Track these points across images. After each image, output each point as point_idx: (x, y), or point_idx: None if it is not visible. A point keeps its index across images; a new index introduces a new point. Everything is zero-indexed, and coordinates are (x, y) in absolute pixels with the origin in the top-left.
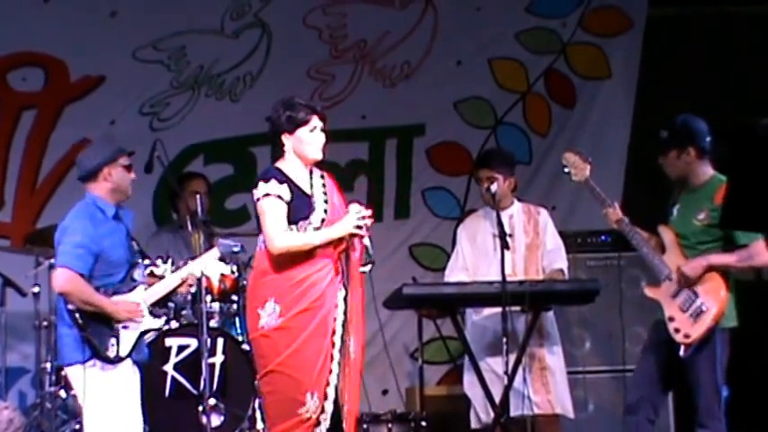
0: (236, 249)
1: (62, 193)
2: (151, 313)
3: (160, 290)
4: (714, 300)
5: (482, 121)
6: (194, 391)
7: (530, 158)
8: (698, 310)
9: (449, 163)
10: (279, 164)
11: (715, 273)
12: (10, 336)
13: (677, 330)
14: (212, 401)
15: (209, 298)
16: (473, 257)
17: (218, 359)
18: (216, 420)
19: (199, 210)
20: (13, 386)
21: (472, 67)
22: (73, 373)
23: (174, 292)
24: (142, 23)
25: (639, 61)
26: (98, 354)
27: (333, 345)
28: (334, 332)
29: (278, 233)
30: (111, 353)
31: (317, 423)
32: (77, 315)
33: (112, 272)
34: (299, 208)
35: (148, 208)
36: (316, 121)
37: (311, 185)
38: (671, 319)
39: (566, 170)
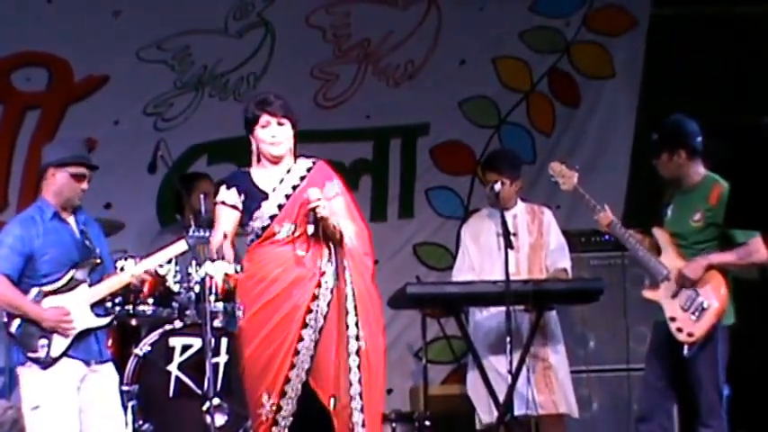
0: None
1: None
2: (94, 312)
3: (103, 289)
4: (715, 296)
5: (486, 120)
6: (198, 391)
7: (533, 158)
8: (700, 307)
9: (452, 162)
10: (253, 165)
11: (714, 270)
12: None
13: (680, 330)
14: (216, 401)
15: (213, 297)
16: (478, 257)
17: (222, 359)
18: (220, 420)
19: (202, 210)
20: (17, 386)
21: (476, 66)
22: (19, 374)
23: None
24: (146, 23)
25: (643, 60)
26: (29, 356)
27: (300, 339)
28: (304, 325)
29: (214, 244)
30: (42, 354)
31: (274, 422)
32: (7, 316)
33: (51, 271)
34: (249, 209)
35: (152, 208)
36: (266, 117)
37: (281, 182)
38: (672, 319)
39: (553, 180)
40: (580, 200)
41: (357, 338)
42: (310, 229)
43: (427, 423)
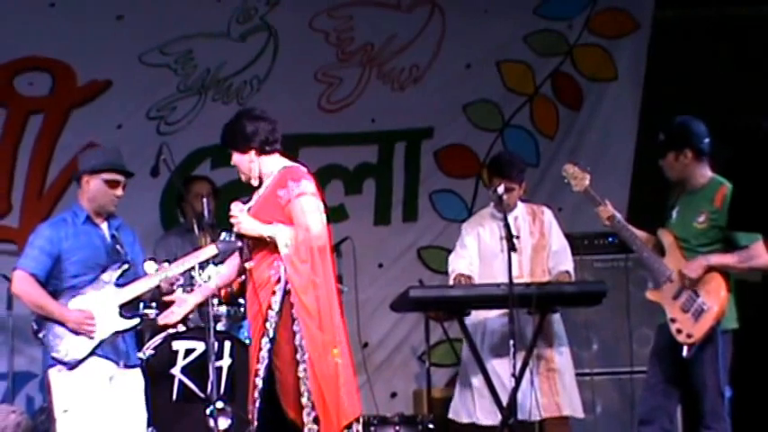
0: (240, 245)
1: (69, 198)
2: (121, 315)
3: (132, 291)
4: (715, 299)
5: (490, 123)
6: (201, 395)
7: (537, 161)
8: (699, 309)
9: (456, 165)
10: None
11: (715, 273)
12: (17, 339)
13: (679, 331)
14: (219, 405)
15: (216, 301)
16: (478, 257)
17: (226, 362)
18: (223, 424)
19: (205, 212)
20: (20, 390)
21: (481, 69)
22: (49, 377)
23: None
24: (149, 27)
25: (645, 63)
26: (54, 356)
27: (260, 348)
28: (264, 333)
29: None
30: (67, 355)
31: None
32: (36, 323)
33: (79, 273)
34: None
35: (156, 212)
36: None
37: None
38: (673, 320)
39: (566, 181)
40: (590, 201)
41: (303, 348)
42: (237, 243)
43: (431, 426)
